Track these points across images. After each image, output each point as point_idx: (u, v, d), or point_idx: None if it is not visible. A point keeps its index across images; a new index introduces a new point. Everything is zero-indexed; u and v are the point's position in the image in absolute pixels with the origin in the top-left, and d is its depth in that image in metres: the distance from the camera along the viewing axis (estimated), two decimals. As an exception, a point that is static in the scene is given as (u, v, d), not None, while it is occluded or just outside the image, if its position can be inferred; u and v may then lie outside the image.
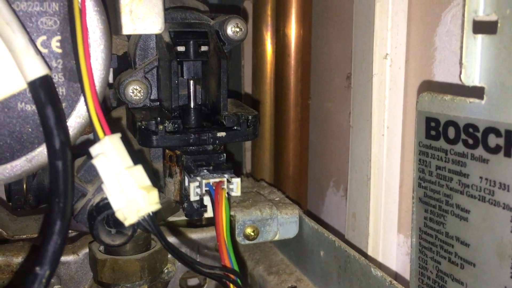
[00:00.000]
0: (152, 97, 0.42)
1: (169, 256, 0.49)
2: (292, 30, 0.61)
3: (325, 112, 0.64)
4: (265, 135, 0.66)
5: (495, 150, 0.30)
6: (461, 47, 0.31)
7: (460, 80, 0.31)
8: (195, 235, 0.53)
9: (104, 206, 0.37)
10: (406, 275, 0.49)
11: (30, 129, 0.32)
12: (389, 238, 0.51)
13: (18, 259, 0.47)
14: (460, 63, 0.31)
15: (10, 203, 0.42)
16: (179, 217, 0.47)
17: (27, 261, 0.48)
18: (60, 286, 0.48)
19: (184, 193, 0.38)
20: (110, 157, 0.29)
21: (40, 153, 0.32)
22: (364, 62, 0.50)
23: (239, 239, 0.49)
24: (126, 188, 0.29)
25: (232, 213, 0.48)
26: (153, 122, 0.37)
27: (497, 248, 0.31)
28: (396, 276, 0.51)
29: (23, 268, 0.48)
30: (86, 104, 0.30)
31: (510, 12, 0.28)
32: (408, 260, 0.47)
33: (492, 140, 0.30)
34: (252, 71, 0.67)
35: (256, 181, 0.62)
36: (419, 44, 0.46)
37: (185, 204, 0.38)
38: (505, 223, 0.30)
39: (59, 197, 0.28)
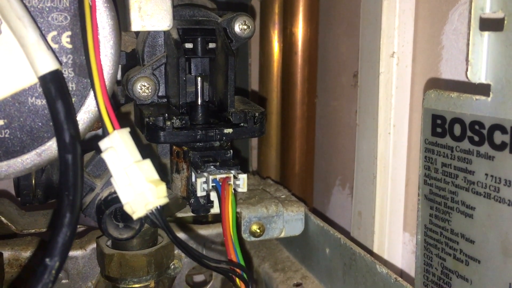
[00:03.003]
0: (160, 94, 0.42)
1: (176, 252, 0.49)
2: (299, 29, 0.61)
3: (331, 110, 0.64)
4: (272, 133, 0.66)
5: (501, 147, 0.30)
6: (468, 44, 0.31)
7: (467, 77, 0.32)
8: (202, 231, 0.54)
9: (112, 200, 0.37)
10: (412, 273, 0.49)
11: (40, 123, 0.32)
12: (394, 237, 0.51)
13: (26, 254, 0.48)
14: (467, 60, 0.31)
15: (19, 198, 0.43)
16: (186, 213, 0.47)
17: (35, 256, 0.48)
18: (67, 281, 0.49)
19: (191, 188, 0.39)
20: (119, 151, 0.30)
21: (50, 147, 0.33)
22: (371, 61, 0.50)
23: (245, 236, 0.49)
24: (135, 182, 0.29)
25: (238, 210, 0.48)
26: (161, 118, 0.37)
27: (502, 245, 0.31)
28: (401, 274, 0.51)
29: (31, 263, 0.48)
30: (96, 99, 0.30)
31: (516, 10, 0.28)
32: (413, 258, 0.47)
33: (498, 137, 0.30)
34: (259, 69, 0.67)
35: (262, 178, 0.62)
36: (426, 42, 0.46)
37: (192, 200, 0.39)
38: (510, 220, 0.30)
39: (69, 190, 0.28)
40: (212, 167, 0.38)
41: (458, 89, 0.36)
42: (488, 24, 0.31)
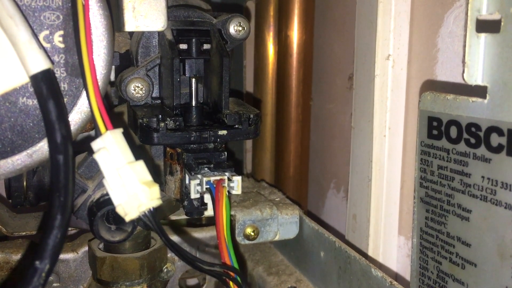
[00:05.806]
0: (153, 95, 0.42)
1: (169, 255, 0.48)
2: (294, 31, 0.61)
3: (326, 113, 0.64)
4: (266, 135, 0.66)
5: (498, 149, 0.30)
6: (464, 46, 0.31)
7: (463, 79, 0.31)
8: (195, 234, 0.53)
9: (104, 202, 0.37)
10: (407, 277, 0.49)
11: (31, 124, 0.32)
12: (389, 240, 0.51)
13: (17, 256, 0.47)
14: (463, 62, 0.31)
15: (10, 200, 0.42)
16: (180, 216, 0.47)
17: (26, 258, 0.47)
18: (59, 284, 0.48)
19: (184, 191, 0.38)
20: (112, 152, 0.29)
21: (41, 148, 0.32)
22: (366, 63, 0.50)
23: (239, 239, 0.48)
24: (127, 183, 0.29)
25: (232, 213, 0.48)
26: (155, 119, 0.37)
27: (499, 248, 0.31)
28: (396, 277, 0.51)
29: (22, 265, 0.47)
30: (88, 99, 0.30)
31: (513, 11, 0.28)
32: (408, 262, 0.47)
33: (495, 139, 0.30)
34: (254, 71, 0.67)
35: (257, 181, 0.62)
36: (422, 45, 0.46)
37: (186, 202, 0.38)
38: (506, 223, 0.30)
39: (60, 191, 0.28)
40: (206, 169, 0.37)
41: (454, 91, 0.36)
42: (484, 26, 0.31)
